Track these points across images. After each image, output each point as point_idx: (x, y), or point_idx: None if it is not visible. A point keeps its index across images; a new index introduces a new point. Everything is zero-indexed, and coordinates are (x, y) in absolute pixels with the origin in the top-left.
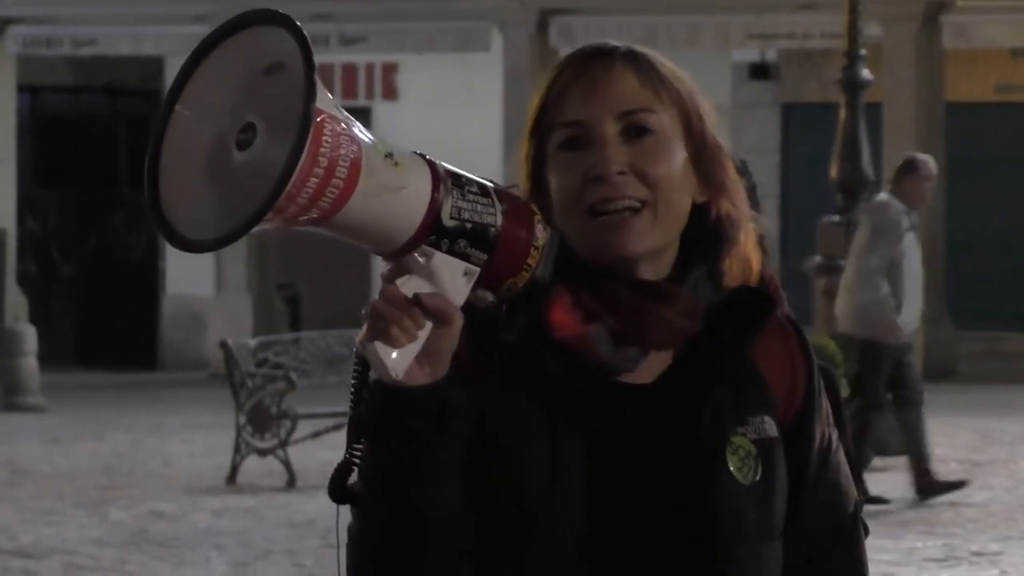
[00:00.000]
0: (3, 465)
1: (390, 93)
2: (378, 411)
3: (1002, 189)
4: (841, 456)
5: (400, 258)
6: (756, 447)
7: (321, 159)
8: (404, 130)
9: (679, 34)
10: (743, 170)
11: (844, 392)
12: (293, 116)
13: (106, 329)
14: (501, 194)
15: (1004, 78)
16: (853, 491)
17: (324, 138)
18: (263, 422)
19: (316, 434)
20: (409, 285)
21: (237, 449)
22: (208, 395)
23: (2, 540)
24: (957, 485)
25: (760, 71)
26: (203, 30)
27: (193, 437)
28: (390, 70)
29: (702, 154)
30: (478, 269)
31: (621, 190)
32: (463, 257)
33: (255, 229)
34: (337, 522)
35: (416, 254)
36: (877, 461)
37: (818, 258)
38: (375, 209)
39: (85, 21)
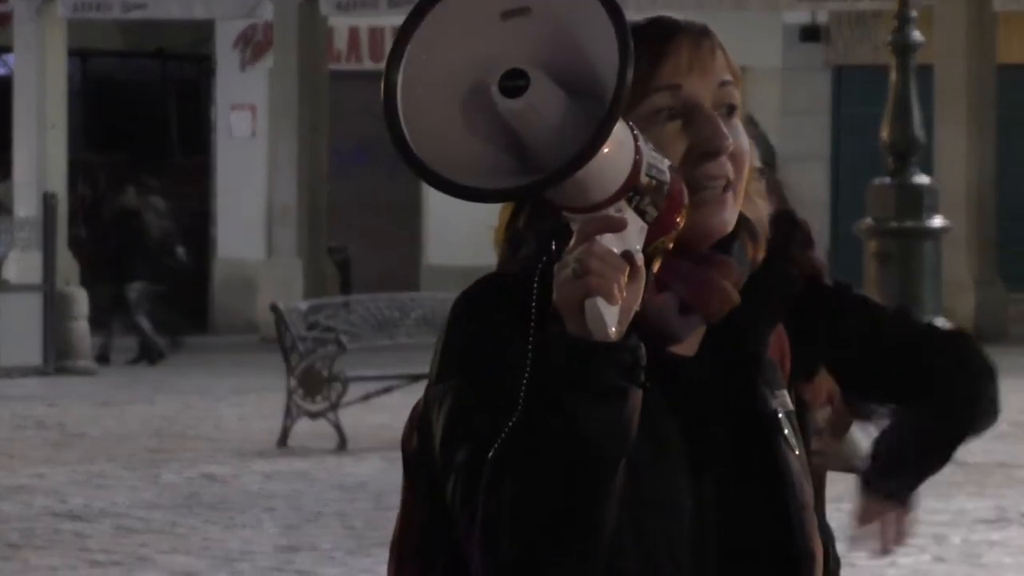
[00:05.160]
0: (54, 428)
1: None
2: (591, 366)
3: None
4: None
5: (595, 213)
6: (787, 418)
7: None
8: None
9: None
10: (750, 121)
11: None
12: (575, 67)
13: (157, 293)
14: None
15: None
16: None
17: None
18: (314, 385)
19: (367, 397)
20: (606, 241)
21: (288, 412)
22: (259, 358)
23: (53, 503)
24: None
25: (811, 33)
26: None
27: (244, 400)
28: None
29: None
30: (647, 226)
31: (724, 168)
32: (640, 213)
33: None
34: (489, 488)
35: (611, 209)
36: None
37: (869, 220)
38: (602, 164)
39: None
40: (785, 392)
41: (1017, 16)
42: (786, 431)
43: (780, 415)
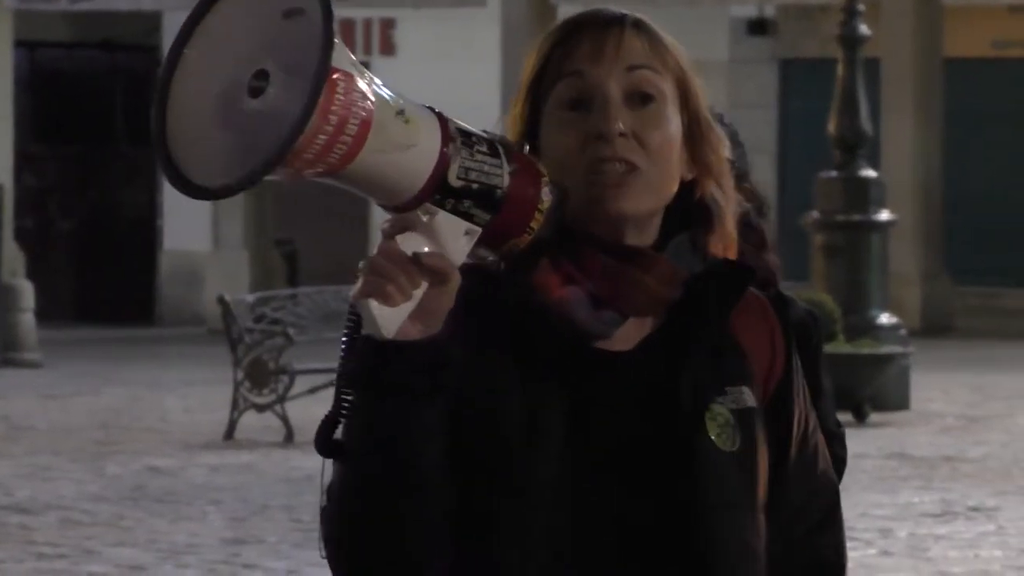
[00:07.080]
0: (0, 420)
1: (387, 48)
2: (370, 365)
3: (999, 144)
4: (820, 439)
5: (402, 213)
6: (734, 416)
7: (332, 116)
8: (401, 85)
9: None
10: (720, 121)
11: (845, 349)
12: (309, 67)
13: (104, 284)
14: (512, 154)
15: (1002, 33)
16: (833, 476)
17: (337, 95)
18: (261, 378)
19: (314, 390)
20: (409, 242)
21: (235, 405)
22: (206, 351)
23: None
24: None
25: (758, 26)
26: None
27: (191, 393)
28: (387, 25)
29: (694, 131)
30: (479, 229)
31: (619, 151)
32: (466, 217)
33: (262, 180)
34: (323, 474)
35: (419, 211)
36: (875, 416)
37: (815, 214)
38: (381, 166)
39: None
40: (744, 388)
41: (964, 9)
42: (717, 430)
43: (714, 411)
